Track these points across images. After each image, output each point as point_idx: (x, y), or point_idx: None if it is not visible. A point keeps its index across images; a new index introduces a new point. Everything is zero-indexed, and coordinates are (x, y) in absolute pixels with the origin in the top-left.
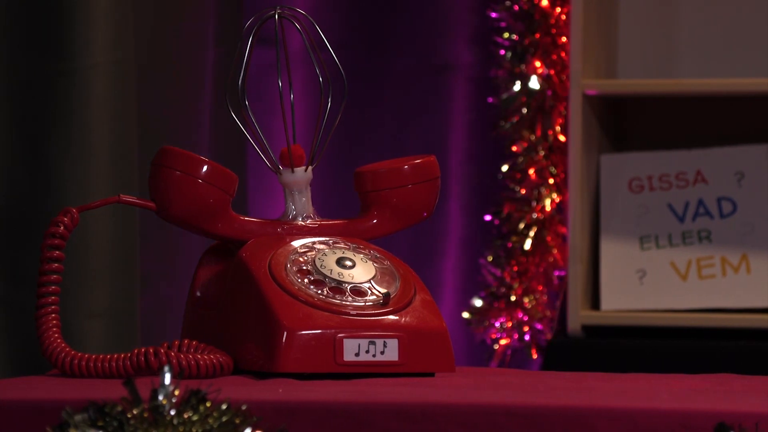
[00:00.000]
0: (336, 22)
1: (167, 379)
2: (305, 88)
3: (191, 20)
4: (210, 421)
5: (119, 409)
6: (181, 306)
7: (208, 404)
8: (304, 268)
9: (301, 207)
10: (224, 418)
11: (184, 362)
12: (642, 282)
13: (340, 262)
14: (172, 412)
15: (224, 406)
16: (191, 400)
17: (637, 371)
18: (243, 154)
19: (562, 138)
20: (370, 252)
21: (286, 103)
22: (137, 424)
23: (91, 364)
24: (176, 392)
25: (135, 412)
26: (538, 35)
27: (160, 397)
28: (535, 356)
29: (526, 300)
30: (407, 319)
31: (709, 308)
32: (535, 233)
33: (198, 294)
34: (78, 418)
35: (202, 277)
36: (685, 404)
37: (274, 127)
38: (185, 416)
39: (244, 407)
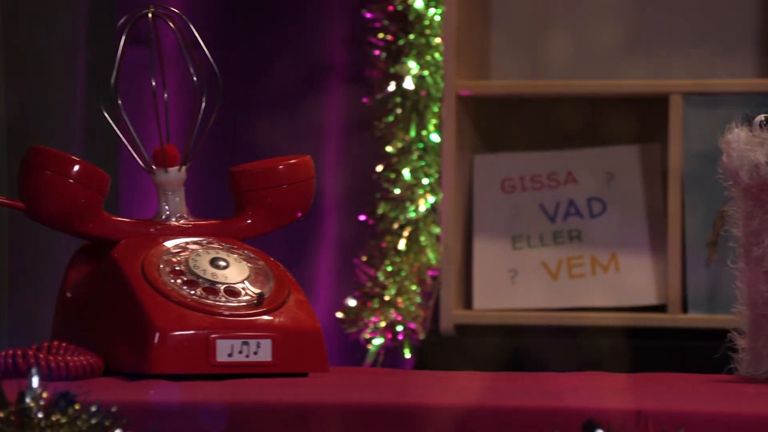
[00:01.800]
0: (211, 21)
1: (35, 381)
2: (180, 88)
3: (62, 19)
4: (79, 423)
5: None
6: (51, 307)
7: (77, 407)
8: (177, 268)
9: (174, 207)
10: (93, 421)
11: (53, 364)
12: (514, 281)
13: (213, 262)
14: (40, 415)
15: (94, 409)
16: (60, 402)
17: (509, 370)
18: (115, 154)
19: (436, 138)
20: (244, 252)
21: (159, 102)
22: (4, 427)
23: None
24: (44, 395)
25: (1, 415)
26: (412, 36)
27: (28, 400)
28: (408, 355)
29: (399, 300)
30: (281, 319)
31: (580, 307)
32: (409, 233)
33: (68, 295)
34: None
35: (72, 278)
36: (555, 402)
37: (147, 127)
38: (53, 419)
39: (114, 409)
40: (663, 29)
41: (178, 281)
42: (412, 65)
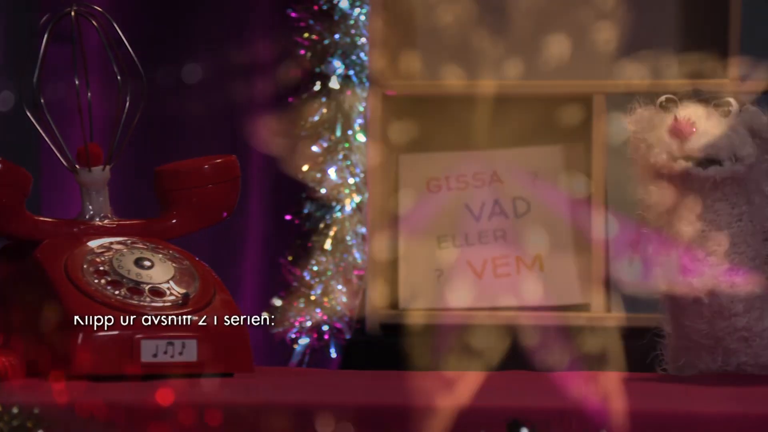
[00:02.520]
0: (136, 20)
1: None
2: (104, 86)
3: None
4: (0, 425)
5: None
6: None
7: None
8: (102, 268)
9: (98, 207)
10: (15, 423)
11: None
12: (439, 281)
13: (138, 262)
14: None
15: (15, 410)
16: None
17: (435, 369)
18: (38, 153)
19: (361, 138)
20: (169, 252)
21: (83, 100)
22: None
23: None
24: None
25: None
26: (337, 35)
27: None
28: (334, 355)
29: (325, 299)
30: (206, 319)
31: (505, 306)
32: (335, 233)
33: None
34: None
35: None
36: (480, 401)
37: (72, 126)
38: None
39: (36, 411)
40: (588, 32)
41: (102, 281)
42: (338, 64)
